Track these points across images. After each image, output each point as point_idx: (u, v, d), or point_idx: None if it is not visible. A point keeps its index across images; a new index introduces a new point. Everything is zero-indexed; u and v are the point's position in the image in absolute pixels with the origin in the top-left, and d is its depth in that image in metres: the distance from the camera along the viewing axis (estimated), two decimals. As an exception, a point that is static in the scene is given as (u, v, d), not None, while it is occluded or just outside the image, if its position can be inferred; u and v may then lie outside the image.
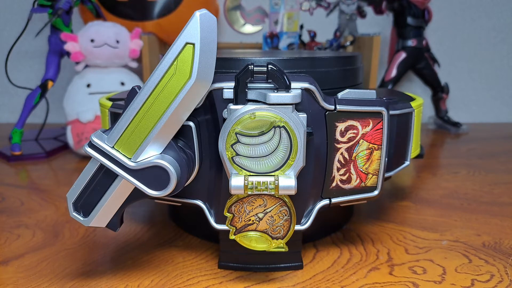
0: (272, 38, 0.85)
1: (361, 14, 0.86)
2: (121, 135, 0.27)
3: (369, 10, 0.86)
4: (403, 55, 0.84)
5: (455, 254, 0.37)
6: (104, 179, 0.28)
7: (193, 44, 0.25)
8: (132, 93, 0.27)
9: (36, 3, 0.70)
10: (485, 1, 0.95)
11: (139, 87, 0.27)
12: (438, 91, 0.89)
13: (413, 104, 0.37)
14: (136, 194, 0.28)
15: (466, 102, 1.01)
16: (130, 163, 0.27)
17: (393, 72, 0.84)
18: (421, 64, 0.86)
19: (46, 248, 0.38)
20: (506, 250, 0.37)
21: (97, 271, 0.34)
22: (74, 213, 0.29)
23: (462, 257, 0.36)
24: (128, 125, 0.26)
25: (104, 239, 0.39)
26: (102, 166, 0.28)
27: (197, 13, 0.25)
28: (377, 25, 0.97)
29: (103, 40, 0.68)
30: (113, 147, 0.27)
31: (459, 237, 0.40)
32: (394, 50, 0.88)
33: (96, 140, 0.27)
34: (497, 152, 0.73)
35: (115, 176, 0.27)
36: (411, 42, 0.84)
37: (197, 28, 0.25)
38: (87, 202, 0.29)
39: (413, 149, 0.39)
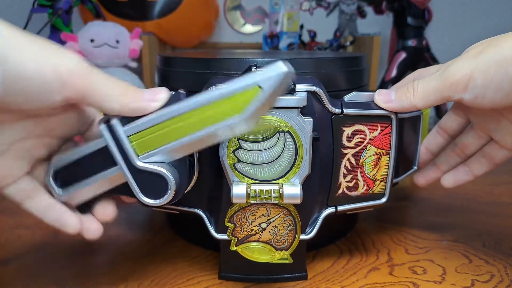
0: (272, 38, 0.85)
1: (361, 14, 0.86)
2: (142, 130, 0.25)
3: (369, 10, 0.86)
4: (403, 55, 0.84)
5: (455, 254, 0.37)
6: (101, 162, 0.26)
7: (262, 89, 0.23)
8: (175, 97, 0.25)
9: (36, 3, 0.70)
10: (485, 1, 0.95)
11: (184, 95, 0.25)
12: (438, 91, 0.89)
13: None
14: (124, 189, 0.26)
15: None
16: (136, 161, 0.25)
17: (393, 72, 0.84)
18: (421, 64, 0.86)
19: (46, 248, 0.38)
20: (506, 250, 0.37)
21: (97, 271, 0.34)
22: (50, 180, 0.27)
23: (462, 257, 0.36)
24: (154, 125, 0.25)
25: (104, 239, 0.39)
26: (105, 149, 0.26)
27: (284, 68, 0.22)
28: (377, 25, 0.97)
29: (103, 40, 0.68)
30: (128, 136, 0.25)
31: (459, 237, 0.40)
32: (394, 50, 0.89)
33: (116, 122, 0.25)
34: (497, 152, 0.72)
35: (114, 165, 0.26)
36: (411, 42, 0.84)
37: (276, 81, 0.22)
38: (70, 176, 0.27)
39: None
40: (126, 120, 0.25)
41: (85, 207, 0.29)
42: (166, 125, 0.25)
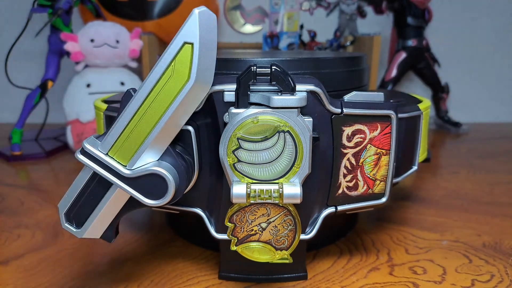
0: (272, 38, 0.85)
1: (361, 14, 0.86)
2: (116, 141, 0.25)
3: (369, 10, 0.86)
4: (403, 55, 0.84)
5: (455, 254, 0.37)
6: (97, 188, 0.26)
7: (192, 44, 0.23)
8: (127, 96, 0.25)
9: (36, 3, 0.70)
10: (485, 1, 0.95)
11: (135, 90, 0.25)
12: (438, 91, 0.89)
13: (420, 106, 0.36)
14: (132, 203, 0.27)
15: (466, 102, 1.01)
16: (125, 171, 0.25)
17: (393, 72, 0.84)
18: (421, 64, 0.86)
19: (46, 248, 0.38)
20: (506, 250, 0.37)
21: (97, 271, 0.34)
22: (66, 224, 0.27)
23: (462, 257, 0.36)
24: (122, 131, 0.25)
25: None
26: (95, 175, 0.26)
27: (196, 11, 0.23)
28: (377, 25, 0.96)
29: (103, 40, 0.68)
30: (107, 154, 0.25)
31: (459, 237, 0.40)
32: (394, 50, 0.88)
33: (89, 147, 0.25)
34: (497, 152, 0.73)
35: (109, 185, 0.26)
36: (411, 42, 0.84)
37: (196, 27, 0.23)
38: (80, 213, 0.27)
39: (420, 153, 0.38)
40: (96, 140, 0.26)
41: (111, 234, 0.28)
42: (132, 125, 0.25)
